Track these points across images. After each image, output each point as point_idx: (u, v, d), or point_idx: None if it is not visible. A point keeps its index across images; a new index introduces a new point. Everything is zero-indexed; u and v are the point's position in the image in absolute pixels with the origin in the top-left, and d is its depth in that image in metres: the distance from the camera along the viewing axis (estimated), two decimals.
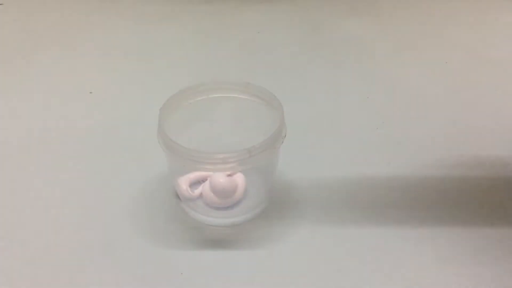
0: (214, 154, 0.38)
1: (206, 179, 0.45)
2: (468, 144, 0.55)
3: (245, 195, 0.46)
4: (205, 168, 0.39)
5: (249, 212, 0.45)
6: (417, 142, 0.56)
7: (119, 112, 0.62)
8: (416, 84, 0.68)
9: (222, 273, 0.40)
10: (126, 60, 0.75)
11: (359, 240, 0.43)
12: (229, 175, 0.44)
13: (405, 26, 0.84)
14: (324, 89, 0.67)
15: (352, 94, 0.66)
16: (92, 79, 0.69)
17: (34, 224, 0.45)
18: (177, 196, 0.47)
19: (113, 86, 0.68)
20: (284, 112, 0.42)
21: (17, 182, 0.50)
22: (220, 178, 0.44)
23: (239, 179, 0.45)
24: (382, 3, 0.93)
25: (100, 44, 0.80)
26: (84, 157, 0.54)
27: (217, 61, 0.74)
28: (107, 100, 0.64)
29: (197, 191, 0.45)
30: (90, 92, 0.66)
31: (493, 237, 0.43)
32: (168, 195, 0.48)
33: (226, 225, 0.45)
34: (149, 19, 0.88)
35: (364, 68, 0.72)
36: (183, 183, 0.45)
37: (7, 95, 0.66)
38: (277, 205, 0.47)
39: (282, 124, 0.41)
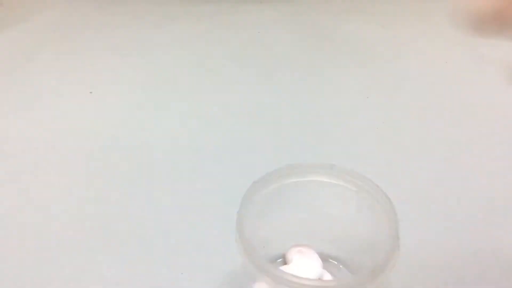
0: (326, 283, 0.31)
1: None
2: (468, 144, 0.55)
3: None
4: None
5: None
6: (417, 142, 0.56)
7: (119, 112, 0.62)
8: (416, 84, 0.68)
9: None
10: (126, 60, 0.75)
11: None
12: None
13: (405, 26, 0.84)
14: (324, 89, 0.67)
15: (352, 94, 0.66)
16: (92, 79, 0.69)
17: (32, 225, 0.45)
18: None
19: (113, 86, 0.68)
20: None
21: (15, 182, 0.50)
22: None
23: None
24: (382, 3, 0.93)
25: (100, 44, 0.80)
26: (83, 157, 0.54)
27: (217, 61, 0.74)
28: (107, 100, 0.64)
29: None
30: (90, 92, 0.66)
31: None
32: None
33: None
34: (149, 19, 0.88)
35: (364, 68, 0.72)
36: None
37: (6, 95, 0.65)
38: None
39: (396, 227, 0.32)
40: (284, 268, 0.35)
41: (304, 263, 0.35)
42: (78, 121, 0.60)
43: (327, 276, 0.35)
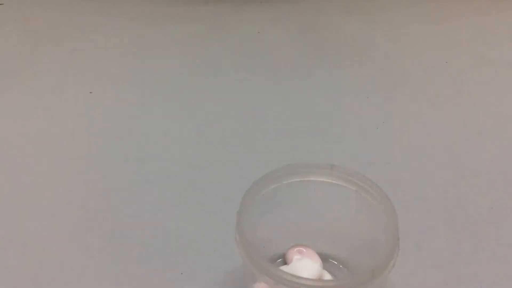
0: (326, 283, 0.31)
1: None
2: (468, 143, 0.55)
3: None
4: None
5: None
6: (417, 142, 0.56)
7: (119, 113, 0.62)
8: (416, 84, 0.68)
9: None
10: (126, 60, 0.75)
11: None
12: None
13: (405, 26, 0.84)
14: (324, 89, 0.67)
15: (352, 94, 0.66)
16: (92, 79, 0.69)
17: (32, 225, 0.45)
18: None
19: (113, 86, 0.68)
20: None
21: (15, 182, 0.50)
22: None
23: None
24: (382, 3, 0.93)
25: (100, 44, 0.80)
26: (83, 157, 0.54)
27: (217, 61, 0.74)
28: (107, 100, 0.64)
29: None
30: (90, 92, 0.66)
31: None
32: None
33: None
34: (149, 19, 0.88)
35: (364, 68, 0.72)
36: None
37: (7, 95, 0.65)
38: None
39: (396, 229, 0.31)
40: (284, 268, 0.35)
41: (304, 263, 0.35)
42: (78, 121, 0.60)
43: (327, 276, 0.35)
